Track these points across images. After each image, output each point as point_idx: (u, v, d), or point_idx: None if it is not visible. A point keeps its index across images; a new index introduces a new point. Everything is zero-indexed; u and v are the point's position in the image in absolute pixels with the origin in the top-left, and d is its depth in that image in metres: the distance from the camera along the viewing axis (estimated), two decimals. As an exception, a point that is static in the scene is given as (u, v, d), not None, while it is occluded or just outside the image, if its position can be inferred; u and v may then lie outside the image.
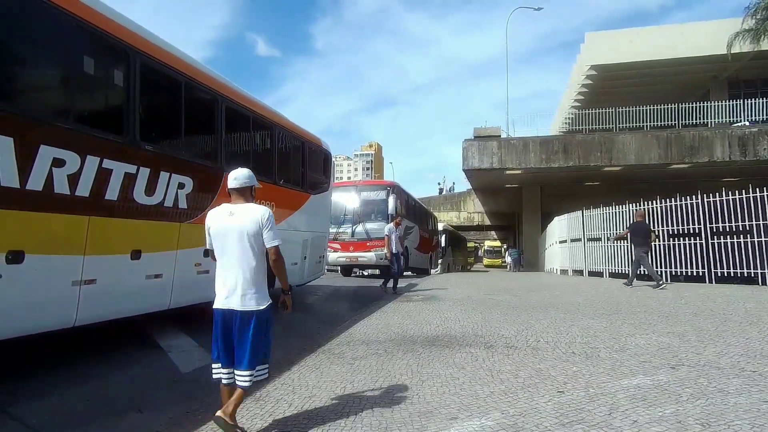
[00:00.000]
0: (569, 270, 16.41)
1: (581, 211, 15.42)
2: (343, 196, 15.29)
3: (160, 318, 5.77)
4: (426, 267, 20.67)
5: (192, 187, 5.62)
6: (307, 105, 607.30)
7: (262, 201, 6.53)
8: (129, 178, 4.68)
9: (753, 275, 10.25)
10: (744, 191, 10.46)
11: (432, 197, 37.80)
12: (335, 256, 15.05)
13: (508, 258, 34.21)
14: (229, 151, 6.73)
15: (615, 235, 12.93)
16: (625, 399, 3.22)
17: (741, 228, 10.54)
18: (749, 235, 10.37)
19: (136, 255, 4.85)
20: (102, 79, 4.81)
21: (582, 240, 15.33)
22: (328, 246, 11.85)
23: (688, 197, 11.57)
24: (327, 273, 12.75)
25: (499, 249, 55.95)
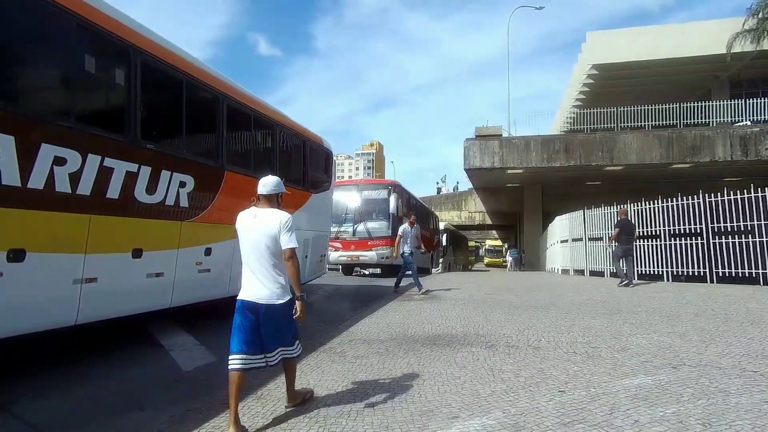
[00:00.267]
0: (570, 270, 16.38)
1: (582, 211, 15.38)
2: (345, 195, 15.29)
3: (161, 317, 5.76)
4: (427, 266, 20.66)
5: (193, 186, 5.62)
6: (309, 104, 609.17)
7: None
8: (130, 176, 4.68)
9: (754, 275, 10.22)
10: (746, 191, 10.44)
11: (433, 197, 37.84)
12: (336, 255, 15.06)
13: (508, 257, 34.15)
14: (230, 150, 6.72)
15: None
16: (627, 399, 3.22)
17: (742, 228, 10.52)
18: (751, 235, 10.36)
19: (137, 254, 4.86)
20: (103, 78, 4.82)
21: (583, 240, 15.31)
22: (329, 245, 11.86)
23: (689, 197, 11.56)
24: (328, 272, 12.77)
25: (500, 248, 56.01)
